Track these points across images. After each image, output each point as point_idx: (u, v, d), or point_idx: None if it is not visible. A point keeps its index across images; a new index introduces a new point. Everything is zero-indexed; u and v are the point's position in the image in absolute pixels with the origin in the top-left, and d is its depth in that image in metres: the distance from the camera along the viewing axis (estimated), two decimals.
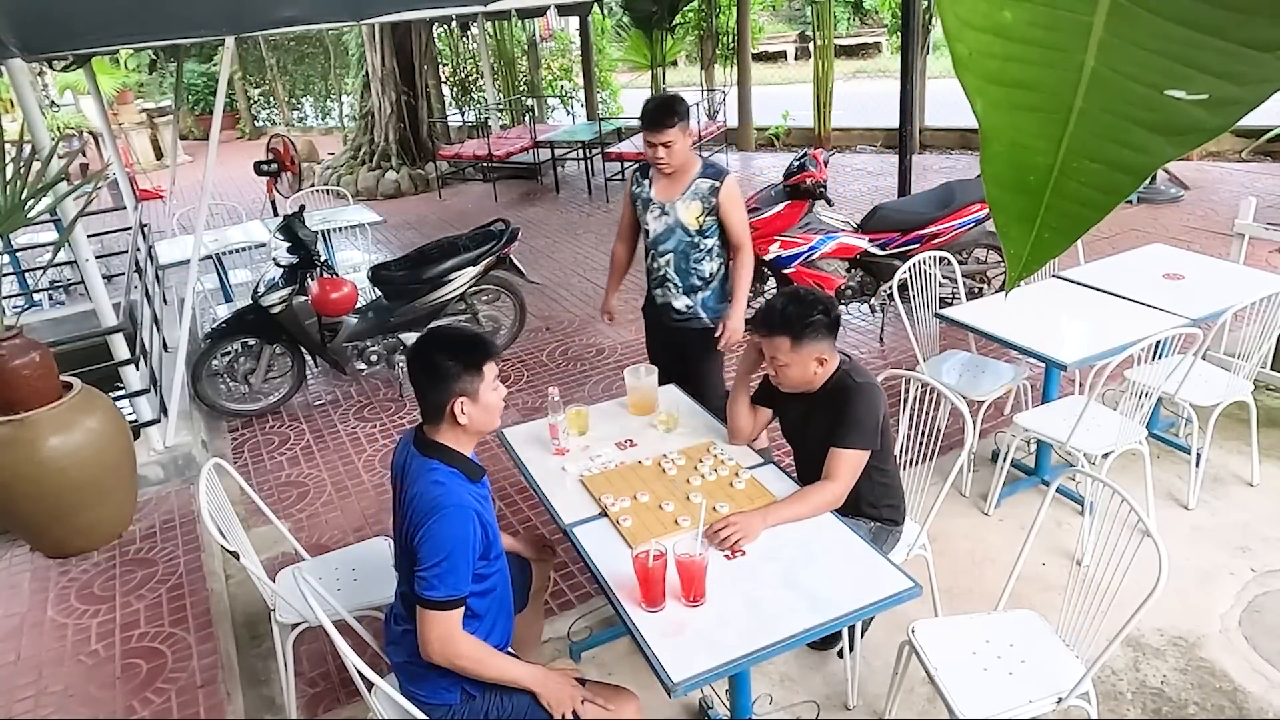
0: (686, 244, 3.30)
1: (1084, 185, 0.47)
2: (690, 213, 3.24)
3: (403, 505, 2.08)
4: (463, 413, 2.07)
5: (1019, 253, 0.51)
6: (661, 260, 3.36)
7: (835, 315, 2.47)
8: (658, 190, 3.32)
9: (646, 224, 3.36)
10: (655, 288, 3.46)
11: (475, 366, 2.07)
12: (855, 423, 2.40)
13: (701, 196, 3.24)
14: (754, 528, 2.25)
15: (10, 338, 3.35)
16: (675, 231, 3.28)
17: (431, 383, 2.07)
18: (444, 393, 2.05)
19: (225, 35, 4.28)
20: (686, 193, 3.25)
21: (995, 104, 0.47)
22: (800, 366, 2.45)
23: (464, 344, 2.09)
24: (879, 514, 2.63)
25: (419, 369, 2.10)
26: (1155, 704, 2.63)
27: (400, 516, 2.10)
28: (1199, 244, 5.98)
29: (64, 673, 2.88)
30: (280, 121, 18.02)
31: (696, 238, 3.28)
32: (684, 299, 3.38)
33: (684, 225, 3.26)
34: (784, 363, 2.46)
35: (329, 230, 6.17)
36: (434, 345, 2.10)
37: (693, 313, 3.38)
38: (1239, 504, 3.49)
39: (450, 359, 2.05)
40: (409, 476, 2.08)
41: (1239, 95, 0.43)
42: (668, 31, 11.51)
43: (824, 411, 2.47)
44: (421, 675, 2.09)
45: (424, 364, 2.08)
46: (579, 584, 3.31)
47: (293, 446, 4.60)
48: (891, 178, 7.37)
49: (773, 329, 2.45)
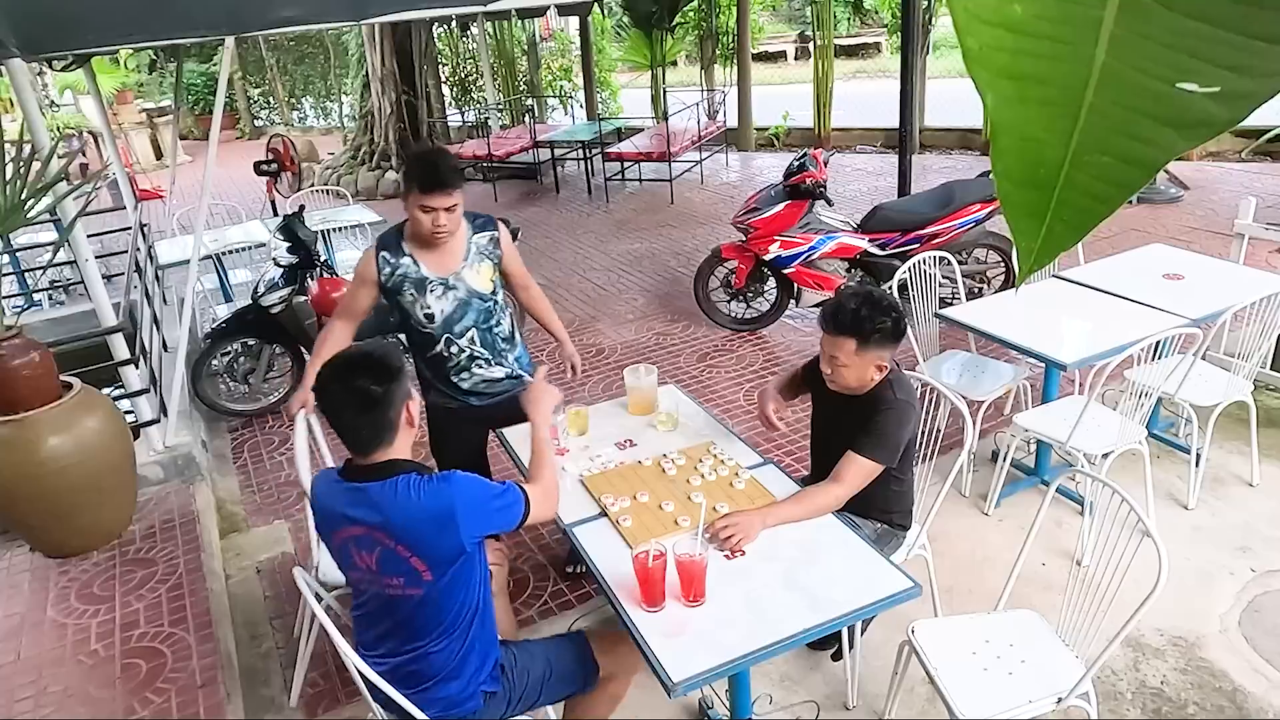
0: (484, 311, 2.87)
1: (1095, 179, 0.47)
2: (481, 277, 2.83)
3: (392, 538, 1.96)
4: (410, 413, 2.03)
5: (1030, 246, 0.51)
6: (462, 342, 2.86)
7: (903, 325, 2.40)
8: (430, 265, 2.77)
9: (427, 308, 2.79)
10: (455, 375, 2.92)
11: (402, 368, 2.03)
12: (882, 436, 2.36)
13: (488, 254, 2.85)
14: (753, 527, 2.24)
15: (10, 338, 3.35)
16: (470, 304, 2.83)
17: (378, 406, 1.97)
18: (394, 409, 1.99)
19: (225, 35, 4.28)
20: (470, 256, 2.81)
21: (1006, 98, 0.47)
22: (859, 370, 2.38)
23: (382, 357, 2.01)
24: (889, 519, 2.62)
25: (356, 404, 1.96)
26: (1155, 704, 2.63)
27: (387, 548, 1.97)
28: (1199, 244, 5.98)
29: (64, 673, 2.88)
30: (280, 121, 18.01)
31: (492, 299, 2.88)
32: (499, 369, 2.96)
33: (479, 293, 2.83)
34: (844, 364, 2.38)
35: (329, 230, 6.17)
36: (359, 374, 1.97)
37: (513, 375, 2.99)
38: (1239, 504, 3.49)
39: (387, 375, 1.98)
40: (379, 506, 1.96)
41: (1250, 88, 0.43)
42: (668, 31, 11.51)
43: (857, 415, 2.43)
44: (427, 700, 2.07)
45: (360, 394, 1.96)
46: (579, 584, 3.31)
47: (293, 446, 4.59)
48: (891, 178, 7.38)
49: (841, 329, 2.36)
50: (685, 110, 9.63)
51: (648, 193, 9.46)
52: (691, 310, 5.71)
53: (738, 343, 5.39)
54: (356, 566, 2.03)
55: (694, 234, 7.74)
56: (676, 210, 8.65)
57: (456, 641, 2.05)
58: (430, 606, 2.01)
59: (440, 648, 2.04)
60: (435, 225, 2.65)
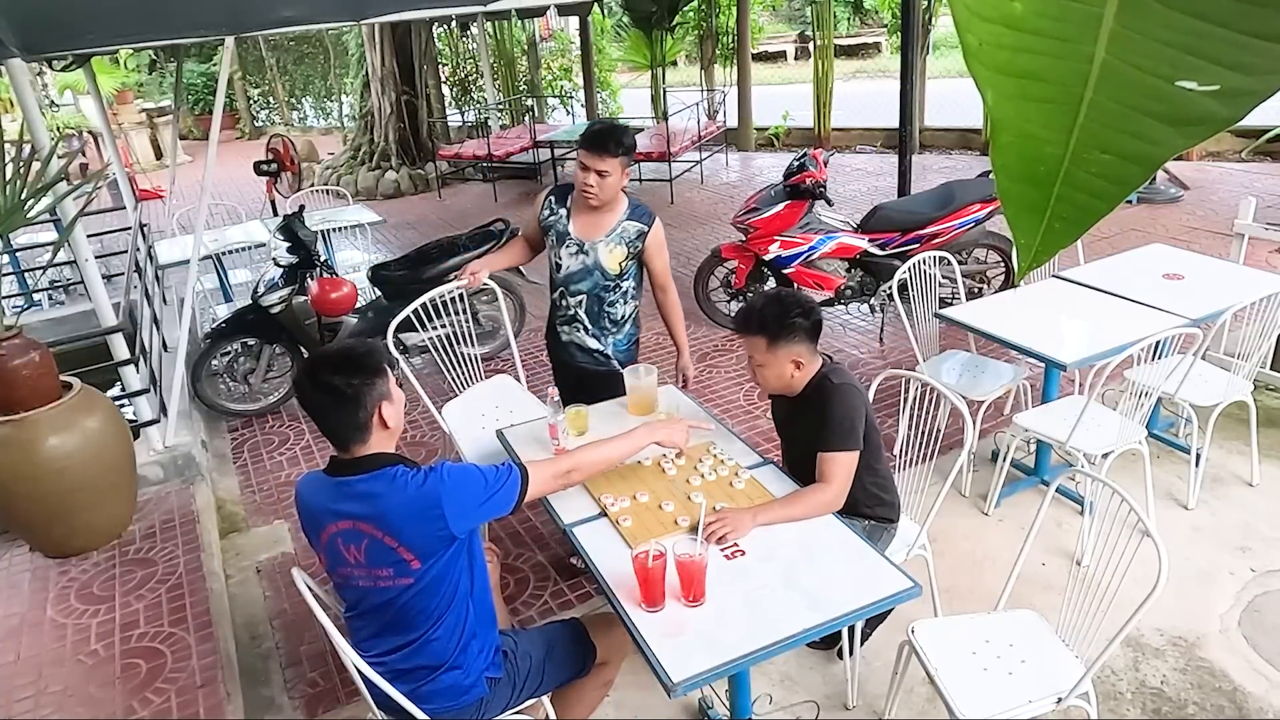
0: (603, 287, 3.06)
1: (1094, 176, 0.47)
2: (613, 257, 3.01)
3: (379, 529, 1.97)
4: (386, 415, 2.03)
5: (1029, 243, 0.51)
6: (572, 300, 3.11)
7: (816, 319, 2.46)
8: (578, 225, 3.03)
9: (558, 258, 3.08)
10: (561, 324, 3.20)
11: (380, 368, 2.03)
12: (836, 424, 2.40)
13: (628, 241, 3.02)
14: (743, 524, 2.25)
15: (10, 338, 3.35)
16: (593, 274, 3.04)
17: (349, 404, 1.99)
18: (366, 407, 2.00)
19: (225, 35, 4.28)
20: (611, 235, 3.01)
21: (1006, 95, 0.47)
22: (775, 368, 2.46)
23: (360, 355, 2.03)
24: (873, 513, 2.63)
25: (328, 398, 1.99)
26: (1155, 704, 2.62)
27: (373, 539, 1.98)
28: (1199, 244, 5.98)
29: (64, 673, 2.88)
30: (280, 121, 18.01)
31: (615, 281, 3.06)
32: (594, 341, 3.16)
33: (603, 268, 3.03)
34: (760, 363, 2.48)
35: (329, 230, 6.17)
36: (334, 369, 2.00)
37: (604, 357, 3.17)
38: (1239, 504, 3.49)
39: (360, 373, 1.99)
40: (364, 498, 1.98)
41: (1250, 86, 0.43)
42: (668, 31, 11.51)
43: (806, 414, 2.48)
44: (432, 691, 2.08)
45: (332, 390, 1.98)
46: (579, 584, 3.31)
47: (292, 446, 4.60)
48: (891, 178, 7.38)
49: (749, 328, 2.46)
50: (685, 110, 9.63)
51: (648, 193, 9.46)
52: (691, 310, 5.68)
53: (738, 343, 5.38)
54: (346, 562, 2.04)
55: (694, 234, 7.74)
56: (676, 210, 8.65)
57: (454, 628, 2.06)
58: (423, 595, 2.02)
59: (438, 635, 2.05)
60: (584, 183, 2.90)
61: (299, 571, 2.14)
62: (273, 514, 4.00)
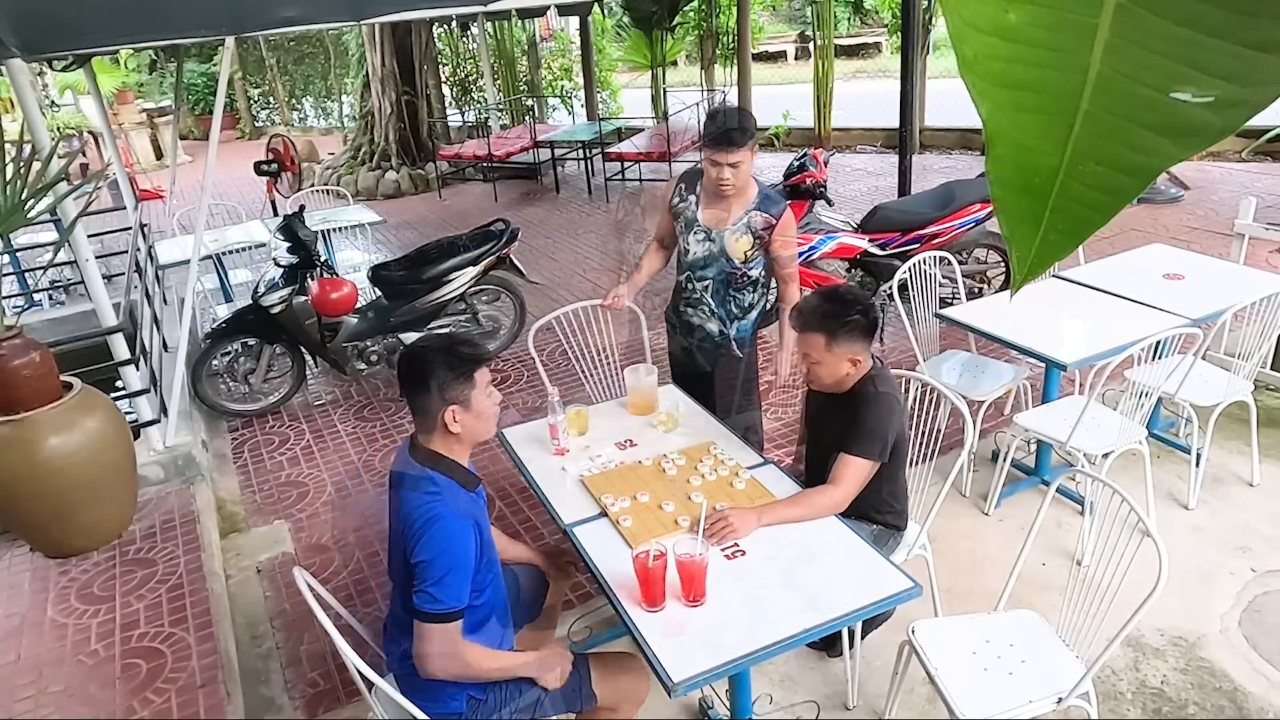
0: (729, 274, 3.09)
1: (1089, 188, 0.47)
2: (739, 246, 3.02)
3: (399, 513, 2.04)
4: (455, 421, 2.03)
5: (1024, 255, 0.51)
6: (699, 284, 3.15)
7: (874, 317, 2.42)
8: (705, 214, 3.06)
9: (687, 244, 3.12)
10: (686, 306, 3.23)
11: (466, 374, 2.03)
12: (866, 432, 2.37)
13: (754, 230, 3.01)
14: (746, 524, 2.25)
15: (10, 338, 3.35)
16: (719, 260, 3.06)
17: (422, 392, 2.02)
18: (435, 402, 2.01)
19: (225, 35, 4.28)
20: (738, 224, 3.01)
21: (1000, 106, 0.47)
22: (832, 366, 2.41)
23: (453, 351, 2.04)
24: (882, 519, 2.62)
25: (409, 379, 2.05)
26: (1155, 704, 2.63)
27: (396, 523, 2.06)
28: (1199, 244, 5.98)
29: (64, 673, 2.88)
30: (280, 121, 18.01)
31: (741, 269, 3.07)
32: (718, 325, 3.18)
33: (729, 256, 3.04)
34: (816, 360, 2.42)
35: (329, 230, 6.17)
36: (423, 354, 2.04)
37: (725, 340, 3.19)
38: (1239, 504, 3.49)
39: (440, 367, 2.01)
40: (405, 484, 2.05)
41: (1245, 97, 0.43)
42: (668, 31, 11.51)
43: (841, 412, 2.45)
44: (424, 684, 2.08)
45: (414, 373, 2.03)
46: (579, 584, 3.31)
47: (293, 446, 4.60)
48: (891, 178, 7.37)
49: (807, 325, 2.40)
50: (685, 110, 9.63)
51: (648, 193, 9.46)
52: None
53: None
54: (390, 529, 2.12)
55: None
56: None
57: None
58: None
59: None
60: (720, 179, 2.91)
61: (300, 571, 2.14)
62: (273, 514, 4.00)
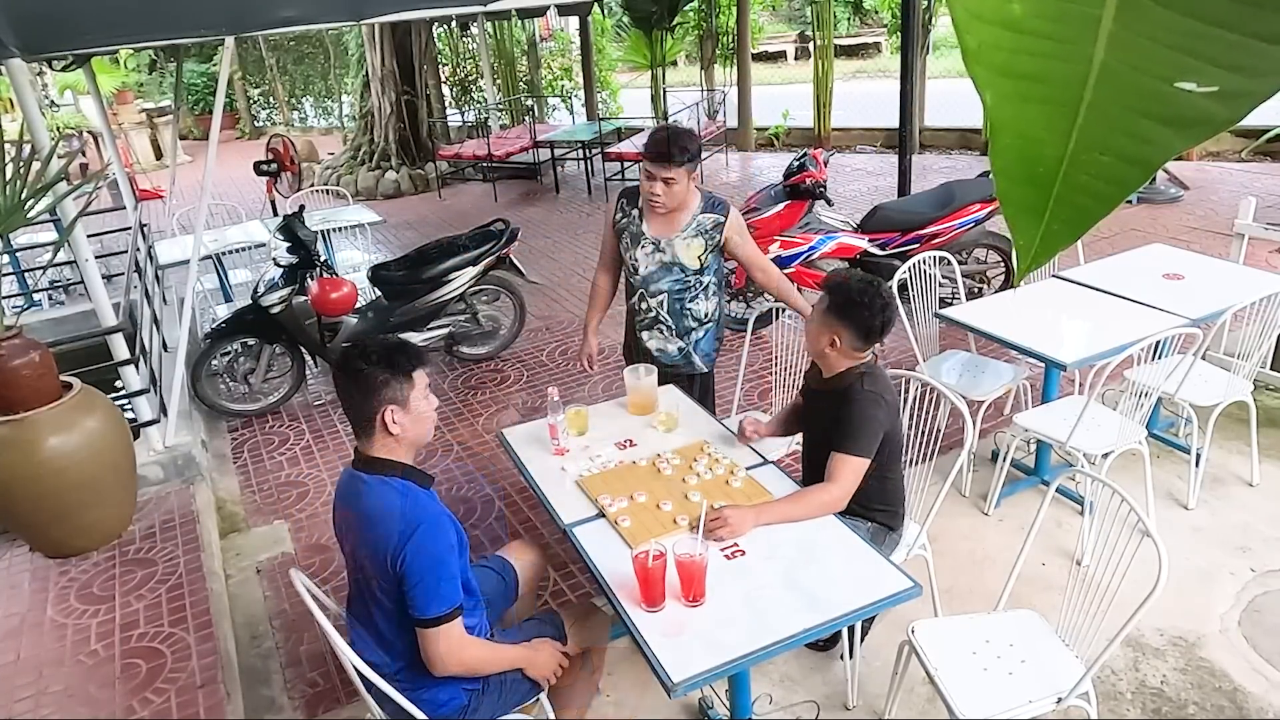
0: (684, 284, 3.03)
1: (1093, 178, 0.47)
2: (692, 251, 2.98)
3: (367, 527, 1.99)
4: (394, 422, 2.01)
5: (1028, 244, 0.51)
6: (653, 301, 3.07)
7: (876, 318, 2.43)
8: (652, 225, 3.01)
9: (635, 260, 3.05)
10: (642, 330, 3.15)
11: (404, 373, 2.01)
12: (852, 430, 2.41)
13: (705, 233, 2.99)
14: (744, 523, 2.26)
15: (10, 338, 3.35)
16: (672, 270, 3.01)
17: (360, 393, 2.00)
18: (373, 402, 1.99)
19: (225, 35, 4.28)
20: (687, 229, 2.98)
21: (1004, 97, 0.47)
22: (814, 335, 2.50)
23: (391, 351, 2.03)
24: (874, 517, 2.63)
25: (346, 380, 2.02)
26: (1155, 704, 2.62)
27: (365, 538, 2.00)
28: (1199, 244, 5.98)
29: (64, 673, 2.88)
30: (280, 121, 18.01)
31: (695, 276, 3.02)
32: (677, 342, 3.12)
33: (683, 264, 3.00)
34: (810, 320, 2.55)
35: (329, 230, 6.17)
36: (360, 355, 2.02)
37: (685, 357, 3.15)
38: (1239, 504, 3.49)
39: (377, 367, 1.99)
40: (366, 498, 2.01)
41: (1249, 88, 0.43)
42: (668, 31, 11.51)
43: (831, 410, 2.48)
44: (420, 684, 2.08)
45: (351, 374, 2.00)
46: (579, 584, 3.31)
47: (293, 446, 4.60)
48: (891, 178, 7.37)
49: (825, 286, 2.51)
50: (685, 110, 9.63)
51: None
52: None
53: (737, 343, 5.36)
54: (344, 550, 2.12)
55: None
56: None
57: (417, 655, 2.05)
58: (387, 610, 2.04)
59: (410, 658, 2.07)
60: (651, 192, 2.89)
61: (297, 573, 2.14)
62: (273, 514, 4.00)
